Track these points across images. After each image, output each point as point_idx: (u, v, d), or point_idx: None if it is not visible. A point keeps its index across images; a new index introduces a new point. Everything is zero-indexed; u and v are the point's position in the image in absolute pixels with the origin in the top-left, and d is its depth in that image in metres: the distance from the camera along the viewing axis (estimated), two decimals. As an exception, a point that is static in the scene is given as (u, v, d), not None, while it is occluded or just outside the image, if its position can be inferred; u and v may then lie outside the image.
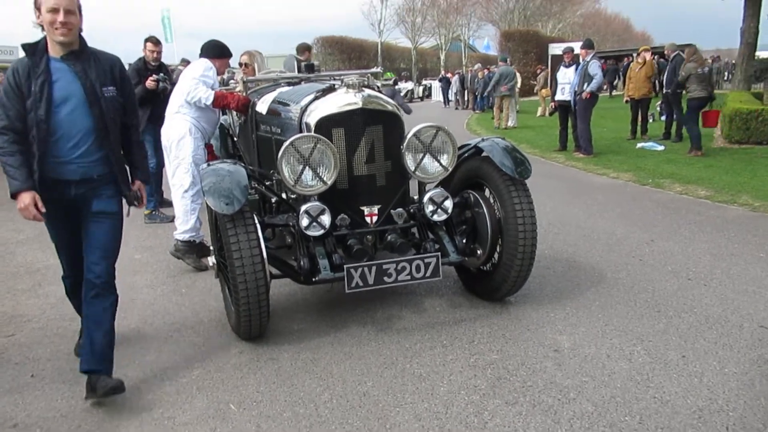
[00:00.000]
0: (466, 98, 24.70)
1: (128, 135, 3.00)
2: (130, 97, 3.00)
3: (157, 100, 6.14)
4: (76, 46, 2.72)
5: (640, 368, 2.88)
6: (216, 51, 4.79)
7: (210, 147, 5.47)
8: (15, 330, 3.65)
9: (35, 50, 2.66)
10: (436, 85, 32.68)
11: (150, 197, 6.48)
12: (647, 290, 3.86)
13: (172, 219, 6.20)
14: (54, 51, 2.68)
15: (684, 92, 9.85)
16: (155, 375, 3.02)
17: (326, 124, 3.34)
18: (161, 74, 6.19)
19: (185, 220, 4.69)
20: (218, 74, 4.84)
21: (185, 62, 13.18)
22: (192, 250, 4.72)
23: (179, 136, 4.61)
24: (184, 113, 4.63)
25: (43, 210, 2.66)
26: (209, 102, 4.46)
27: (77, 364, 3.15)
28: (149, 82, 6.00)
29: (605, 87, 24.23)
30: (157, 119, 6.17)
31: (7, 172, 2.63)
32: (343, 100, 3.39)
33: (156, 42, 6.26)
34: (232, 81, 7.36)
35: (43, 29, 2.67)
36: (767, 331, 3.21)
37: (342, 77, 3.77)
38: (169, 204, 6.64)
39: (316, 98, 3.56)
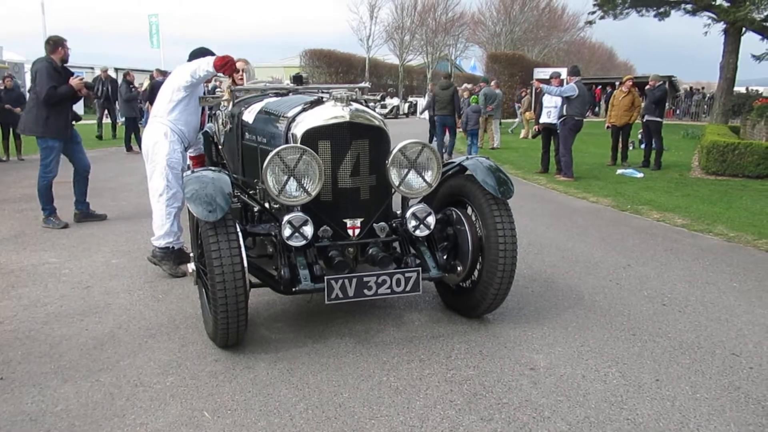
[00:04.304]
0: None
1: None
2: None
3: (68, 104, 6.15)
4: None
5: (614, 390, 2.91)
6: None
7: (202, 156, 5.43)
8: (-14, 330, 3.58)
9: None
10: (422, 102, 32.88)
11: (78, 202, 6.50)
12: (623, 314, 3.91)
13: (64, 225, 6.23)
14: None
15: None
16: (129, 381, 2.98)
17: (313, 136, 3.35)
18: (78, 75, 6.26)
19: (161, 224, 4.64)
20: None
21: (160, 72, 13.14)
22: (169, 256, 4.68)
23: (154, 140, 4.57)
24: (161, 117, 4.59)
25: None
26: (210, 67, 4.31)
27: (48, 366, 3.12)
28: (77, 82, 5.98)
29: (587, 113, 24.68)
30: (70, 122, 6.24)
31: None
32: (330, 113, 3.41)
33: (66, 41, 6.18)
34: (218, 90, 7.38)
35: None
36: (739, 359, 3.26)
37: (330, 90, 3.79)
38: (94, 217, 6.59)
39: (303, 110, 3.57)
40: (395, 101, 33.75)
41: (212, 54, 4.75)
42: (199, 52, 4.76)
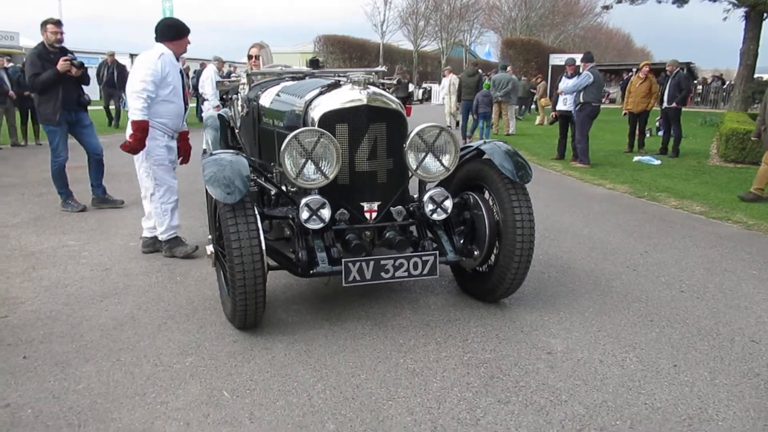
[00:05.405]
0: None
1: None
2: None
3: (69, 85, 5.98)
4: None
5: (632, 375, 2.90)
6: (170, 32, 4.55)
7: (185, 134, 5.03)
8: (8, 312, 3.63)
9: None
10: (437, 89, 32.61)
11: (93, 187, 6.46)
12: (641, 300, 3.89)
13: (82, 208, 6.25)
14: None
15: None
16: (149, 360, 3.01)
17: (330, 119, 3.35)
18: (69, 55, 6.00)
19: (161, 222, 4.66)
20: (177, 56, 4.59)
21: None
22: (174, 242, 4.70)
23: None
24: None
25: None
26: (135, 120, 4.27)
27: (70, 346, 3.17)
28: (62, 63, 5.79)
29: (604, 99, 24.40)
30: (69, 105, 6.04)
31: None
32: (347, 96, 3.40)
33: (58, 23, 6.02)
34: (233, 75, 7.38)
35: None
36: (758, 346, 3.24)
37: (347, 74, 3.78)
38: (110, 202, 6.49)
39: (321, 93, 3.57)
40: (410, 87, 33.55)
41: (176, 26, 4.58)
42: (164, 27, 4.55)
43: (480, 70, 15.18)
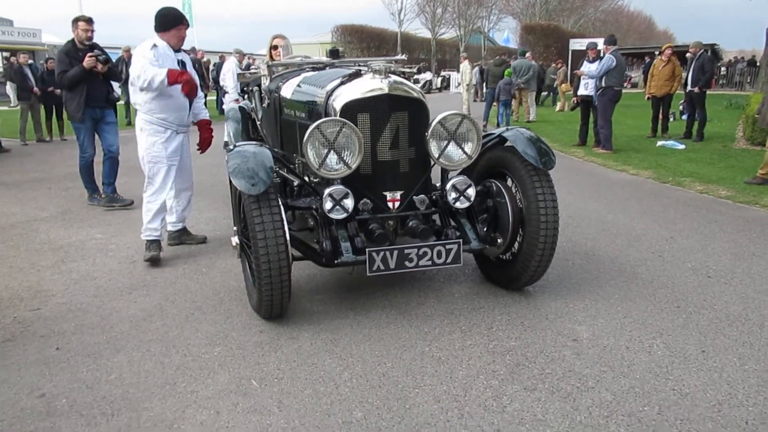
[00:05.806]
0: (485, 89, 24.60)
1: None
2: None
3: (96, 82, 5.99)
4: None
5: (659, 361, 2.88)
6: (159, 23, 4.36)
7: (206, 122, 4.82)
8: (40, 304, 3.72)
9: None
10: (455, 77, 32.41)
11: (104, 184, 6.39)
12: (667, 286, 3.85)
13: (105, 203, 6.30)
14: None
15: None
16: (178, 351, 3.07)
17: (352, 109, 3.35)
18: (96, 51, 5.98)
19: (143, 217, 4.47)
20: (175, 48, 4.42)
21: (191, 51, 12.97)
22: (148, 246, 4.48)
23: (137, 134, 4.45)
24: (138, 108, 4.40)
25: None
26: (164, 79, 4.07)
27: (101, 337, 3.24)
28: (87, 60, 5.78)
29: (626, 83, 24.01)
30: (96, 102, 6.06)
31: None
32: (369, 86, 3.40)
33: (89, 21, 6.03)
34: (252, 67, 7.39)
35: None
36: (788, 330, 3.20)
37: (368, 63, 3.78)
38: (118, 201, 6.35)
39: (342, 83, 3.57)
40: (428, 75, 33.43)
41: (166, 16, 4.37)
42: (156, 18, 4.36)
43: (506, 60, 15.34)
